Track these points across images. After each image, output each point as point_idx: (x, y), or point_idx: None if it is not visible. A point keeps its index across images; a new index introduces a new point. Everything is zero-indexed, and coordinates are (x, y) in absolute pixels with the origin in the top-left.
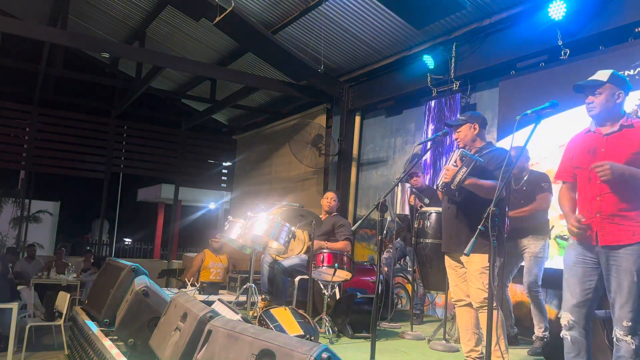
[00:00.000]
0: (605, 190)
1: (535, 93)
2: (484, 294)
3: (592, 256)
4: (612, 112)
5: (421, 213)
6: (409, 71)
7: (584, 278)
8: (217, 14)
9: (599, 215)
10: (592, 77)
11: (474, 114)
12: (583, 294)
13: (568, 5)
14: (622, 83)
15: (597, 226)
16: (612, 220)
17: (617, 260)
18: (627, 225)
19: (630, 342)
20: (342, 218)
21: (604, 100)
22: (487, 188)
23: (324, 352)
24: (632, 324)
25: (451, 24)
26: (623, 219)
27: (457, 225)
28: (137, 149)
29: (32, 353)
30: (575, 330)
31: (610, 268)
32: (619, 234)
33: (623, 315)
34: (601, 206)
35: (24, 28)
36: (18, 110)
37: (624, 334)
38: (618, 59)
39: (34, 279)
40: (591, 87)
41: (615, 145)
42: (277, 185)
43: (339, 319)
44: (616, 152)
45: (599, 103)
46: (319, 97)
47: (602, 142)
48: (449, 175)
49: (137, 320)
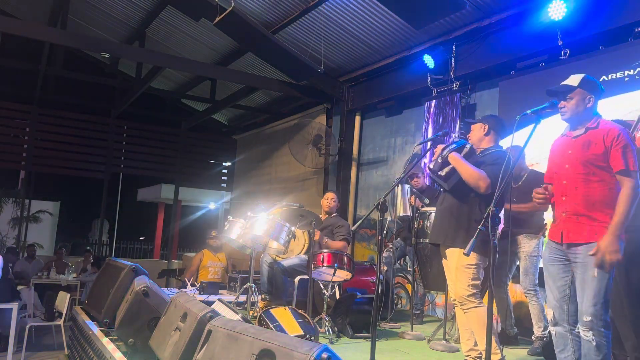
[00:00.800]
0: (569, 190)
1: (535, 93)
2: (465, 292)
3: (563, 254)
4: (583, 115)
5: (421, 213)
6: (409, 71)
7: (558, 276)
8: (217, 14)
9: (565, 215)
10: (565, 82)
11: (489, 116)
12: (560, 291)
13: (568, 5)
14: (593, 87)
15: (563, 225)
16: (577, 220)
17: (582, 257)
18: (590, 226)
19: (591, 338)
20: (341, 219)
21: (574, 104)
22: (469, 170)
23: (324, 352)
24: (591, 318)
25: (451, 24)
26: (587, 219)
27: (444, 217)
28: (137, 149)
29: (32, 353)
30: (559, 326)
31: (577, 265)
32: (582, 233)
33: (583, 310)
34: (566, 206)
35: (24, 28)
36: (18, 110)
37: (584, 329)
38: (618, 59)
39: (34, 279)
40: (563, 92)
41: (580, 147)
42: (277, 185)
43: (339, 319)
44: (580, 153)
45: (569, 107)
46: (319, 97)
47: (570, 145)
48: (437, 151)
49: (137, 320)
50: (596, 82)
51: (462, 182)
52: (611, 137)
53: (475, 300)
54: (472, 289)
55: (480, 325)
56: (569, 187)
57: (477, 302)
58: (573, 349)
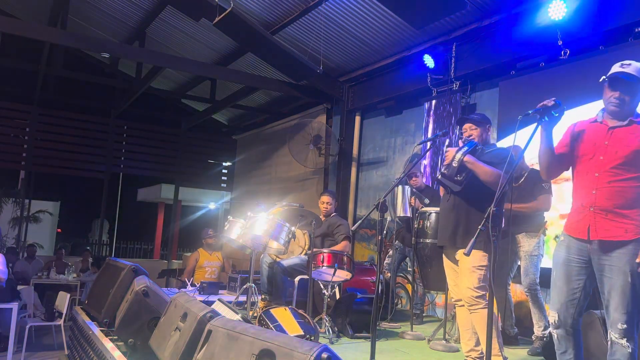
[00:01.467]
0: (602, 184)
1: (535, 93)
2: (474, 293)
3: (583, 254)
4: (633, 108)
5: (421, 213)
6: (409, 71)
7: (571, 277)
8: (217, 14)
9: (593, 209)
10: (627, 70)
11: (482, 117)
12: (570, 293)
13: (568, 5)
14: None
15: (590, 220)
16: (606, 216)
17: (610, 260)
18: (620, 222)
19: (626, 345)
20: (340, 218)
21: (630, 96)
22: (487, 170)
23: (324, 352)
24: (627, 326)
25: (451, 24)
26: (616, 216)
27: (454, 218)
28: (137, 149)
29: (32, 353)
30: (562, 328)
31: (603, 268)
32: (611, 229)
33: (618, 318)
34: (596, 200)
35: (24, 28)
36: (18, 110)
37: (618, 337)
38: (618, 59)
39: (34, 279)
40: (627, 83)
41: (620, 139)
42: (277, 185)
43: (339, 319)
44: (619, 145)
45: (626, 99)
46: (319, 97)
47: (606, 135)
48: (450, 155)
49: (137, 320)
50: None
51: (473, 183)
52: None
53: (483, 301)
54: (482, 290)
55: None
56: (601, 180)
57: (485, 302)
58: (574, 352)
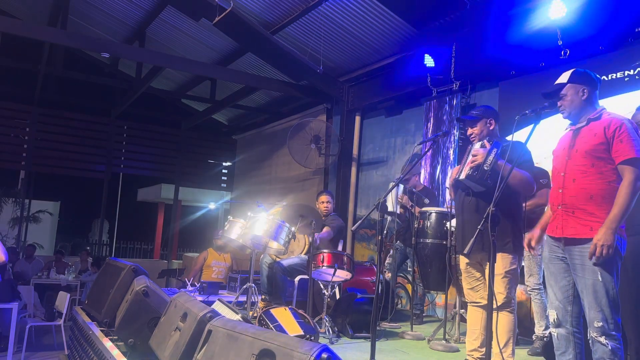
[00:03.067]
0: (567, 183)
1: (535, 93)
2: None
3: (560, 253)
4: (581, 109)
5: (421, 213)
6: (409, 71)
7: (559, 275)
8: (217, 14)
9: (561, 207)
10: (557, 81)
11: (488, 109)
12: (563, 291)
13: (568, 5)
14: (585, 79)
15: (559, 219)
16: (573, 214)
17: (579, 258)
18: (585, 220)
19: (605, 342)
20: (336, 218)
21: (569, 100)
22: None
23: (324, 352)
24: (602, 323)
25: (451, 24)
26: (582, 213)
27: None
28: (137, 149)
29: (32, 353)
30: (562, 327)
31: (575, 267)
32: (577, 227)
33: (593, 316)
34: (563, 199)
35: (24, 28)
36: (18, 110)
37: (597, 334)
38: (618, 59)
39: (34, 279)
40: (556, 91)
41: (580, 138)
42: (277, 185)
43: (339, 319)
44: (580, 144)
45: (566, 105)
46: (319, 97)
47: (571, 137)
48: (480, 156)
49: (137, 320)
50: (588, 73)
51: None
52: (613, 127)
53: (512, 306)
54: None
55: (506, 331)
56: (567, 179)
57: (512, 307)
58: (575, 352)
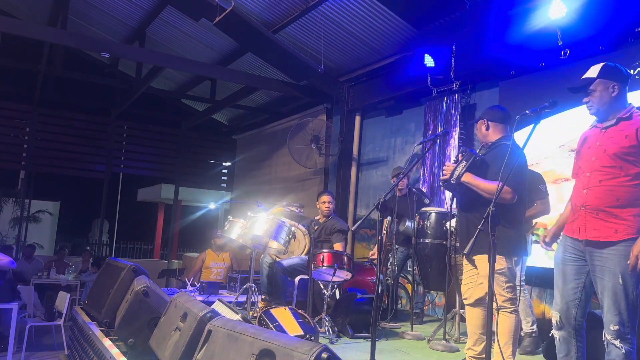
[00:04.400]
0: (593, 183)
1: (535, 93)
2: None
3: (580, 253)
4: (611, 106)
5: (421, 213)
6: (409, 71)
7: (571, 277)
8: (217, 14)
9: (584, 208)
10: (584, 75)
11: (488, 109)
12: (571, 294)
13: (568, 5)
14: (616, 74)
15: (581, 220)
16: (597, 215)
17: (601, 260)
18: (610, 222)
19: (620, 346)
20: (338, 220)
21: (598, 97)
22: (482, 187)
23: (324, 352)
24: (619, 327)
25: (451, 24)
26: (607, 215)
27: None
28: (137, 149)
29: (32, 353)
30: (564, 330)
31: (595, 268)
32: (601, 229)
33: (610, 319)
34: (587, 199)
35: (24, 28)
36: (18, 110)
37: (612, 337)
38: (618, 59)
39: (34, 279)
40: (584, 87)
41: (609, 138)
42: (277, 185)
43: (339, 319)
44: (609, 145)
45: (595, 101)
46: (319, 97)
47: (599, 136)
48: (448, 170)
49: (137, 320)
50: (618, 67)
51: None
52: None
53: (511, 306)
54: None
55: (505, 332)
56: (593, 180)
57: (513, 308)
58: (577, 355)
